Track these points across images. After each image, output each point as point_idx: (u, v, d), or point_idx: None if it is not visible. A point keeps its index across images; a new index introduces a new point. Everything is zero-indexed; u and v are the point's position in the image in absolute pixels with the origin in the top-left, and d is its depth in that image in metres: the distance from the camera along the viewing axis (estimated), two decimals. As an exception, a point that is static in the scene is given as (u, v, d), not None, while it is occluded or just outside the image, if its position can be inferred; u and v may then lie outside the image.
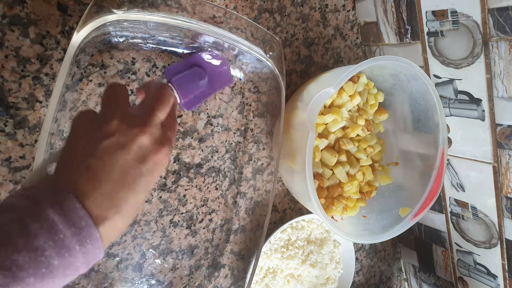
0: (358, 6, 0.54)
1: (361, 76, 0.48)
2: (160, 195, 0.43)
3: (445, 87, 0.47)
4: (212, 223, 0.48)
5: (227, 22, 0.40)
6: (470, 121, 0.46)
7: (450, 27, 0.42)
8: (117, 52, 0.38)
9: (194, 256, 0.47)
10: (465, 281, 0.57)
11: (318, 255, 0.55)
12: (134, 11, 0.34)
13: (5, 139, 0.34)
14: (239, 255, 0.51)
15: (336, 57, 0.55)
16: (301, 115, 0.41)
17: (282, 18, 0.49)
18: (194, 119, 0.44)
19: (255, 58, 0.42)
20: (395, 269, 0.71)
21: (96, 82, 0.38)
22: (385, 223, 0.47)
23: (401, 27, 0.48)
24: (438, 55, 0.45)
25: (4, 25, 0.33)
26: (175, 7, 0.37)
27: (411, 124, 0.50)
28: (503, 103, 0.41)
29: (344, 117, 0.47)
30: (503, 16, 0.37)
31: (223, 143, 0.47)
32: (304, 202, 0.46)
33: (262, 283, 0.52)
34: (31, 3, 0.34)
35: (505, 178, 0.45)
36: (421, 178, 0.48)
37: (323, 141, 0.46)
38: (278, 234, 0.53)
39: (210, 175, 0.46)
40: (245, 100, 0.47)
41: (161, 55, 0.41)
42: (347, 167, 0.47)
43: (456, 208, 0.53)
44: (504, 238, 0.48)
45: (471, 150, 0.47)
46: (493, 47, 0.39)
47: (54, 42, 0.35)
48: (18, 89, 0.34)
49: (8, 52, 0.33)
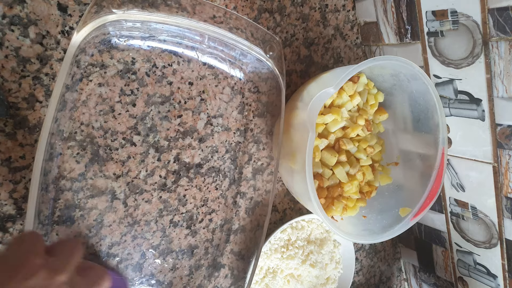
0: (358, 6, 0.54)
1: (361, 76, 0.48)
2: (160, 195, 0.43)
3: (445, 87, 0.47)
4: (212, 223, 0.48)
5: (227, 22, 0.40)
6: (470, 121, 0.46)
7: (450, 27, 0.42)
8: (117, 52, 0.38)
9: (194, 256, 0.47)
10: (465, 281, 0.57)
11: (318, 255, 0.55)
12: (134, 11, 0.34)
13: (5, 139, 0.34)
14: (239, 255, 0.51)
15: (336, 57, 0.55)
16: (301, 115, 0.41)
17: (282, 18, 0.49)
18: (194, 119, 0.44)
19: (255, 58, 0.42)
20: (395, 269, 0.71)
21: (96, 82, 0.38)
22: (385, 223, 0.47)
23: (401, 27, 0.48)
24: (438, 55, 0.45)
25: (4, 25, 0.33)
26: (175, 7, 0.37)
27: (411, 124, 0.50)
28: (503, 103, 0.41)
29: (344, 117, 0.47)
30: (503, 16, 0.37)
31: (223, 143, 0.47)
32: (304, 202, 0.46)
33: (262, 283, 0.52)
34: (31, 3, 0.34)
35: (505, 178, 0.45)
36: (421, 178, 0.48)
37: (323, 141, 0.46)
38: (278, 234, 0.53)
39: (210, 175, 0.46)
40: (245, 100, 0.47)
41: (161, 55, 0.41)
42: (347, 167, 0.47)
43: (456, 208, 0.53)
44: (504, 238, 0.48)
45: (471, 150, 0.47)
46: (493, 47, 0.39)
47: (54, 42, 0.35)
48: (18, 89, 0.34)
49: (8, 52, 0.33)
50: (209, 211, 0.47)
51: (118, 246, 0.41)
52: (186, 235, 0.46)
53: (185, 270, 0.46)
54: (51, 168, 0.36)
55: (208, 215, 0.47)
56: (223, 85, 0.45)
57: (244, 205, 0.50)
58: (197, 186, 0.45)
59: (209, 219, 0.47)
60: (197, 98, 0.44)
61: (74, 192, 0.38)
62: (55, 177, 0.36)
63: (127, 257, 0.42)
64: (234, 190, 0.49)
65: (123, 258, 0.42)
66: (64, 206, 0.37)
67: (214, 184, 0.47)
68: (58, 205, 0.37)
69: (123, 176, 0.40)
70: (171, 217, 0.44)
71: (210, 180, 0.46)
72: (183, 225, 0.45)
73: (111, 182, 0.40)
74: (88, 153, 0.38)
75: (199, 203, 0.46)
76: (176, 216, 0.44)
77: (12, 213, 0.35)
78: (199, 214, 0.46)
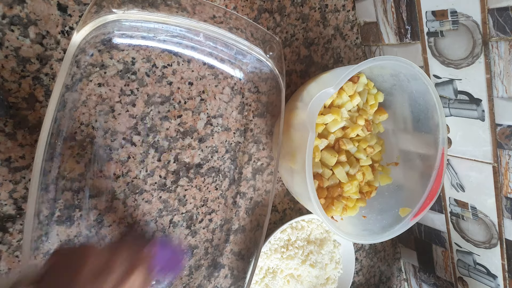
0: (358, 6, 0.54)
1: (361, 76, 0.48)
2: (160, 195, 0.43)
3: (445, 87, 0.47)
4: (212, 223, 0.48)
5: (227, 22, 0.40)
6: (470, 121, 0.46)
7: (450, 27, 0.42)
8: (117, 52, 0.38)
9: (194, 256, 0.47)
10: (465, 281, 0.57)
11: (318, 255, 0.55)
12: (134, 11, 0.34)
13: (5, 139, 0.34)
14: (239, 255, 0.51)
15: (336, 57, 0.55)
16: (301, 115, 0.41)
17: (282, 18, 0.49)
18: (194, 119, 0.44)
19: (255, 58, 0.42)
20: (395, 269, 0.71)
21: (96, 82, 0.38)
22: (385, 223, 0.47)
23: (401, 27, 0.48)
24: (438, 55, 0.45)
25: (4, 25, 0.33)
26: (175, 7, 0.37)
27: (411, 124, 0.50)
28: (503, 103, 0.41)
29: (344, 117, 0.47)
30: (503, 16, 0.37)
31: (223, 143, 0.47)
32: (304, 202, 0.46)
33: (262, 283, 0.52)
34: (31, 3, 0.34)
35: (505, 178, 0.45)
36: (421, 178, 0.48)
37: (323, 141, 0.46)
38: (278, 234, 0.53)
39: (210, 175, 0.46)
40: (245, 100, 0.47)
41: (161, 55, 0.41)
42: (347, 167, 0.47)
43: (456, 208, 0.53)
44: (504, 238, 0.48)
45: (471, 150, 0.47)
46: (493, 47, 0.39)
47: (54, 42, 0.35)
48: (18, 89, 0.34)
49: (8, 52, 0.33)
50: (209, 211, 0.47)
51: (118, 246, 0.41)
52: (186, 235, 0.46)
53: (185, 270, 0.46)
54: (51, 168, 0.36)
55: (208, 215, 0.47)
56: (223, 85, 0.45)
57: (244, 205, 0.50)
58: (197, 186, 0.45)
59: (209, 219, 0.47)
60: (197, 98, 0.44)
61: (74, 192, 0.38)
62: (55, 177, 0.36)
63: (127, 257, 0.42)
64: (234, 190, 0.49)
65: (123, 258, 0.42)
66: (64, 206, 0.37)
67: (214, 184, 0.47)
68: (58, 205, 0.37)
69: (123, 176, 0.40)
70: (171, 217, 0.44)
71: (210, 180, 0.46)
72: (183, 225, 0.45)
73: (111, 182, 0.40)
74: (88, 153, 0.38)
75: (199, 203, 0.46)
76: (176, 216, 0.44)
77: (12, 213, 0.35)
78: (199, 214, 0.46)
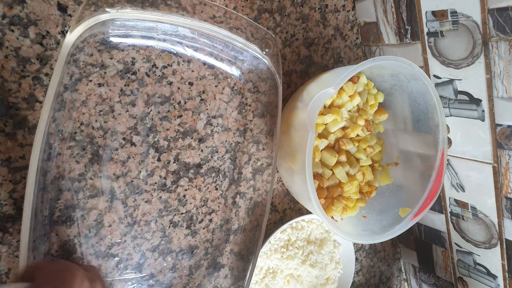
0: (358, 6, 0.54)
1: (361, 76, 0.48)
2: (160, 195, 0.43)
3: (445, 87, 0.47)
4: (212, 223, 0.48)
5: (227, 22, 0.40)
6: (470, 121, 0.46)
7: (450, 27, 0.42)
8: (117, 52, 0.38)
9: (194, 256, 0.47)
10: (465, 281, 0.57)
11: (318, 255, 0.55)
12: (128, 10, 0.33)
13: (5, 139, 0.34)
14: (239, 255, 0.51)
15: (336, 57, 0.55)
16: (301, 115, 0.41)
17: (282, 18, 0.49)
18: (194, 119, 0.44)
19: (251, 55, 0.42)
20: (395, 269, 0.71)
21: (96, 82, 0.38)
22: (385, 223, 0.47)
23: (401, 27, 0.48)
24: (438, 55, 0.45)
25: (4, 25, 0.33)
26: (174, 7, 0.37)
27: (411, 124, 0.50)
28: (503, 103, 0.41)
29: (344, 117, 0.47)
30: (503, 16, 0.37)
31: (223, 143, 0.47)
32: (304, 202, 0.46)
33: (262, 283, 0.52)
34: (31, 3, 0.34)
35: (505, 178, 0.45)
36: (421, 178, 0.48)
37: (323, 141, 0.46)
38: (278, 234, 0.53)
39: (210, 175, 0.46)
40: (244, 100, 0.47)
41: (161, 55, 0.41)
42: (347, 167, 0.47)
43: (456, 208, 0.53)
44: (504, 238, 0.48)
45: (471, 150, 0.47)
46: (493, 47, 0.39)
47: (54, 42, 0.35)
48: (18, 89, 0.34)
49: (8, 52, 0.33)
50: (209, 211, 0.47)
51: (118, 246, 0.41)
52: (186, 235, 0.46)
53: (185, 270, 0.46)
54: (51, 168, 0.36)
55: (208, 215, 0.47)
56: (223, 85, 0.45)
57: (244, 205, 0.50)
58: (197, 186, 0.45)
59: (209, 219, 0.47)
60: (197, 98, 0.44)
61: (74, 192, 0.38)
62: (54, 177, 0.36)
63: (126, 257, 0.42)
64: (234, 190, 0.49)
65: (122, 258, 0.42)
66: (64, 206, 0.37)
67: (214, 184, 0.47)
68: (58, 205, 0.37)
69: (123, 176, 0.40)
70: (171, 217, 0.44)
71: (210, 180, 0.46)
72: (183, 225, 0.45)
73: (111, 182, 0.40)
74: (88, 153, 0.38)
75: (199, 203, 0.46)
76: (176, 216, 0.44)
77: (12, 213, 0.35)
78: (199, 214, 0.46)
